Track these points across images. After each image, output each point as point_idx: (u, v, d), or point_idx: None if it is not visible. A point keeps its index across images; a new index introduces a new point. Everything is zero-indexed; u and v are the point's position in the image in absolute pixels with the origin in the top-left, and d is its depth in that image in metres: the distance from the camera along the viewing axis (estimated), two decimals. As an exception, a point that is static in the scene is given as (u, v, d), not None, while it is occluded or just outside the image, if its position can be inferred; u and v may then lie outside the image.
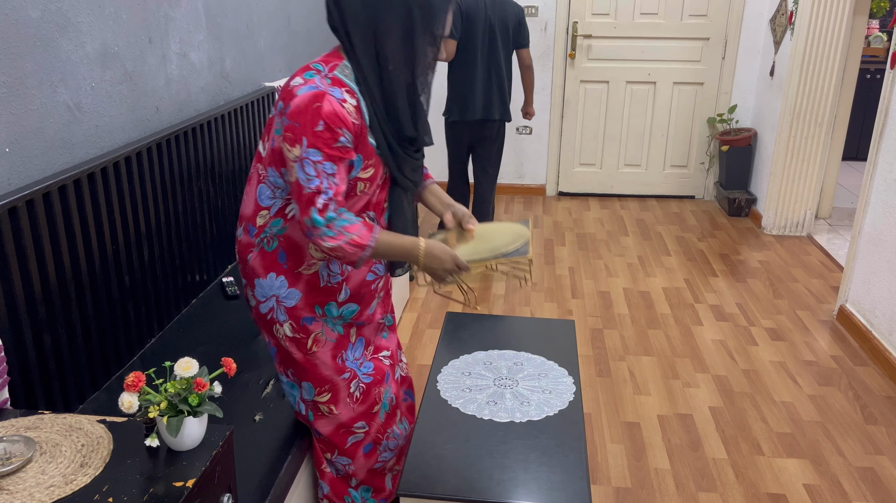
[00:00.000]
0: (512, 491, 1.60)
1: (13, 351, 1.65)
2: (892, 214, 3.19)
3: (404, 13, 1.54)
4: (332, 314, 1.79)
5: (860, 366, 3.14)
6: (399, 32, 1.55)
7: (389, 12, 1.54)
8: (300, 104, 1.51)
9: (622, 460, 2.52)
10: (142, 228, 2.19)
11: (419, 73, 1.62)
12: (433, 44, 1.60)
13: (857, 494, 2.37)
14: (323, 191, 1.53)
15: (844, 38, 4.30)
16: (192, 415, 1.28)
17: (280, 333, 1.78)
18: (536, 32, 5.19)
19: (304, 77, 1.56)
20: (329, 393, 1.83)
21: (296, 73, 1.60)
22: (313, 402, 1.84)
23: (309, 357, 1.79)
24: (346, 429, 1.87)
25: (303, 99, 1.51)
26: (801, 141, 4.52)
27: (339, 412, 1.85)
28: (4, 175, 1.71)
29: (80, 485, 1.21)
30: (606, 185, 5.50)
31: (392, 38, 1.55)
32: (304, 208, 1.55)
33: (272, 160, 1.65)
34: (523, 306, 3.69)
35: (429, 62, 1.63)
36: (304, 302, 1.75)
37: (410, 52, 1.58)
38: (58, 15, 1.87)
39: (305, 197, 1.54)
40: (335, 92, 1.54)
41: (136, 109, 2.28)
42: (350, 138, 1.56)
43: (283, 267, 1.72)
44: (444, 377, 2.04)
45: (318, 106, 1.51)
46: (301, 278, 1.74)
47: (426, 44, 1.59)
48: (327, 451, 1.91)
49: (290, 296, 1.74)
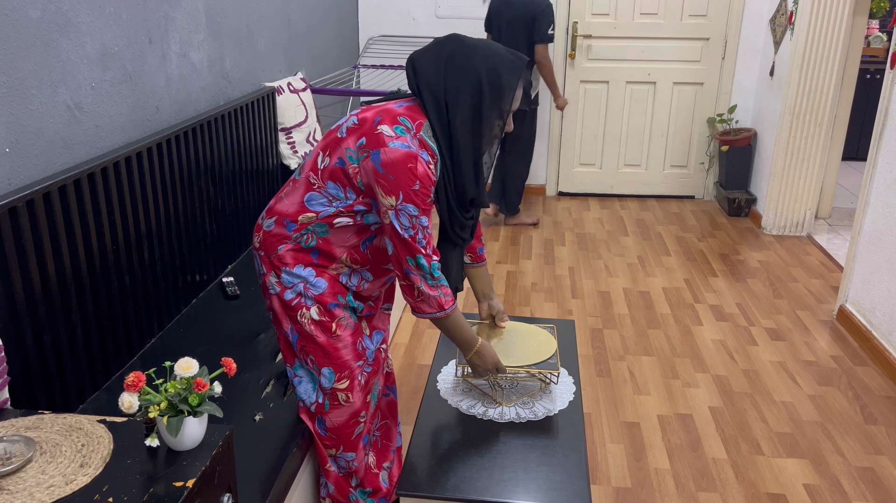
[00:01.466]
0: (512, 491, 1.60)
1: (13, 351, 1.65)
2: (892, 214, 3.19)
3: (475, 89, 1.66)
4: (352, 303, 1.87)
5: (860, 366, 3.14)
6: (469, 105, 1.67)
7: (461, 85, 1.66)
8: (395, 160, 1.62)
9: (622, 460, 2.52)
10: (142, 228, 2.19)
11: (485, 143, 1.73)
12: (500, 117, 1.72)
13: (856, 494, 2.37)
14: (418, 241, 1.68)
15: (844, 38, 4.30)
16: (192, 415, 1.28)
17: (305, 317, 1.81)
18: (536, 32, 5.19)
19: (395, 131, 1.65)
20: (347, 379, 1.85)
21: (380, 117, 1.67)
22: (332, 391, 1.85)
23: (332, 340, 1.82)
24: (355, 419, 1.89)
25: (398, 155, 1.62)
26: (801, 141, 4.52)
27: (354, 400, 1.87)
28: (4, 175, 1.72)
29: (80, 485, 1.21)
30: (606, 185, 5.50)
31: (462, 110, 1.67)
32: (405, 250, 1.69)
33: (334, 177, 1.73)
34: (523, 306, 3.69)
35: (495, 133, 1.74)
36: (329, 290, 1.82)
37: (478, 125, 1.69)
38: (58, 15, 1.87)
39: (403, 240, 1.68)
40: (423, 154, 1.66)
41: (136, 109, 2.28)
42: (433, 195, 1.70)
43: (314, 262, 1.80)
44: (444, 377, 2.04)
45: (413, 167, 1.62)
46: (327, 273, 1.82)
47: (494, 117, 1.70)
48: (332, 447, 1.91)
49: (318, 283, 1.81)
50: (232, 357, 1.41)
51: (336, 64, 4.66)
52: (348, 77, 4.87)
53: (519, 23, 4.17)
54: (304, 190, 1.77)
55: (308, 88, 3.60)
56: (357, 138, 1.68)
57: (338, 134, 1.73)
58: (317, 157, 1.76)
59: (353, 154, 1.69)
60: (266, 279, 1.84)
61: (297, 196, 1.78)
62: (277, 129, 3.35)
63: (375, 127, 1.66)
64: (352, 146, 1.69)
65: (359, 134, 1.68)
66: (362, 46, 5.29)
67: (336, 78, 4.60)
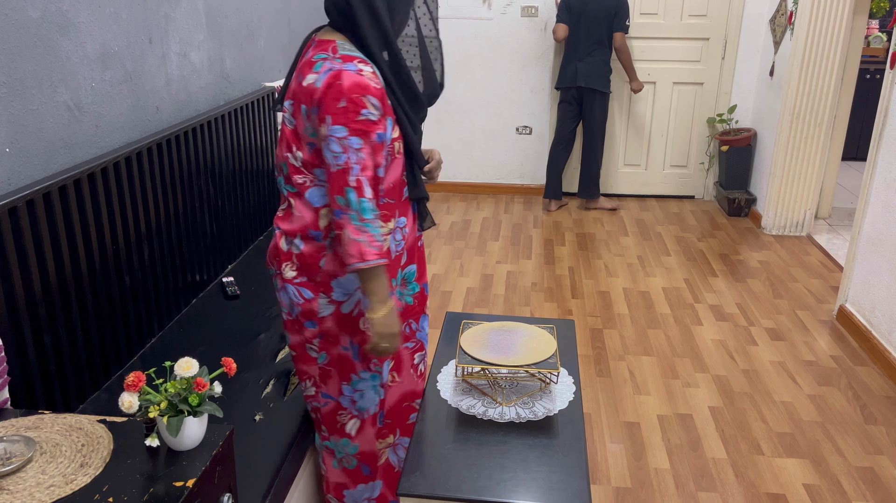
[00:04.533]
0: (512, 491, 1.60)
1: (13, 351, 1.65)
2: (891, 214, 3.19)
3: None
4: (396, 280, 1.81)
5: (860, 366, 3.14)
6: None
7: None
8: (322, 91, 1.53)
9: (622, 460, 2.52)
10: (142, 228, 2.19)
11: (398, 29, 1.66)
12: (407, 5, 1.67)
13: (856, 494, 2.37)
14: (350, 170, 1.53)
15: (844, 38, 4.30)
16: (192, 415, 1.28)
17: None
18: (536, 32, 5.20)
19: (313, 71, 1.56)
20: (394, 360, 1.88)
21: (302, 72, 1.60)
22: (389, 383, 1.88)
23: None
24: (407, 401, 1.93)
25: (321, 84, 1.53)
26: (801, 141, 4.52)
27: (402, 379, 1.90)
28: (4, 175, 1.72)
29: (80, 485, 1.21)
30: (606, 185, 5.50)
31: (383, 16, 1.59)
32: (334, 186, 1.54)
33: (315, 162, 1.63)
34: (523, 306, 3.69)
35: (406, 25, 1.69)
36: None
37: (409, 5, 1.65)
38: (58, 15, 1.87)
39: (333, 175, 1.54)
40: (350, 66, 1.54)
41: (137, 109, 2.28)
42: (377, 103, 1.56)
43: None
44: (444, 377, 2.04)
45: (334, 84, 1.51)
46: None
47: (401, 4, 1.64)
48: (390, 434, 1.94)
49: None
50: (232, 357, 1.41)
51: (336, 64, 4.66)
52: (348, 77, 4.87)
53: (602, 13, 4.71)
54: (301, 193, 1.67)
55: (308, 88, 3.60)
56: (304, 112, 1.58)
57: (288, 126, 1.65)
58: (289, 162, 1.66)
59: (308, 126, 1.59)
60: (312, 305, 1.71)
61: (300, 204, 1.68)
62: (278, 129, 3.35)
63: (301, 85, 1.58)
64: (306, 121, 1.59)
65: (303, 105, 1.58)
66: (362, 46, 5.29)
67: (336, 78, 4.60)
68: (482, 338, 2.02)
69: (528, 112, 5.39)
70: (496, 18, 5.20)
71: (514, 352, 1.95)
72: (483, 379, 1.99)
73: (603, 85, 4.84)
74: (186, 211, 2.48)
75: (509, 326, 2.10)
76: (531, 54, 5.25)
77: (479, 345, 1.98)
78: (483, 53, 5.27)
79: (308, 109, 1.57)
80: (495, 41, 5.24)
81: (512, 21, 5.19)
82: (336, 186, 1.54)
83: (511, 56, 5.26)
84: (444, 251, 4.40)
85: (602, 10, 4.71)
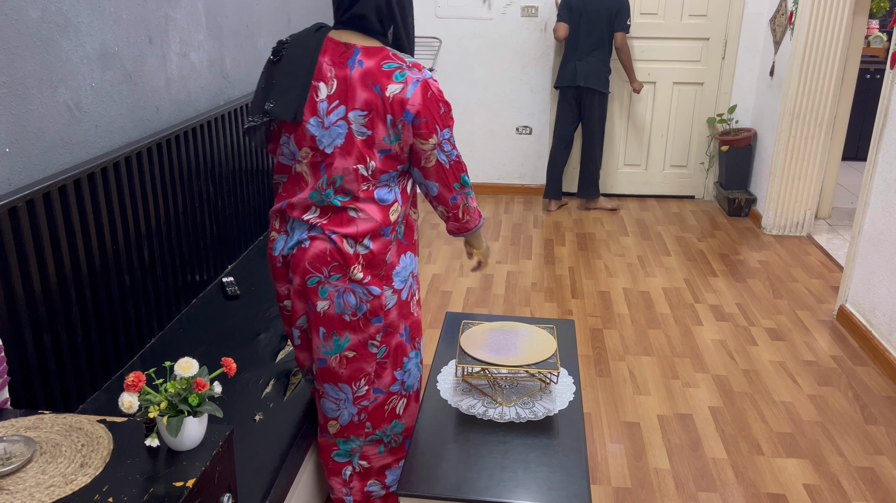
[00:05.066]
0: (512, 491, 1.60)
1: (13, 351, 1.65)
2: (892, 214, 3.19)
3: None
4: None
5: (860, 366, 3.14)
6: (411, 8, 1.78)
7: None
8: (422, 102, 1.67)
9: (622, 460, 2.52)
10: (142, 228, 2.19)
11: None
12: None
13: (856, 494, 2.37)
14: (460, 159, 1.81)
15: (844, 38, 4.30)
16: (192, 415, 1.28)
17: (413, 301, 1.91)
18: (536, 32, 5.20)
19: (394, 81, 1.66)
20: None
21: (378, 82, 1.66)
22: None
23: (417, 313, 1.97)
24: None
25: (420, 97, 1.67)
26: (801, 141, 4.52)
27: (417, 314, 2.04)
28: (4, 175, 1.72)
29: (80, 485, 1.21)
30: (606, 185, 5.50)
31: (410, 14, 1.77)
32: (452, 175, 1.80)
33: (385, 168, 1.73)
34: (523, 306, 3.69)
35: None
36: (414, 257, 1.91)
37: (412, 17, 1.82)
38: (58, 15, 1.87)
39: (450, 168, 1.79)
40: (426, 74, 1.72)
41: (136, 109, 2.28)
42: None
43: (404, 243, 1.86)
44: (444, 377, 2.04)
45: (432, 93, 1.70)
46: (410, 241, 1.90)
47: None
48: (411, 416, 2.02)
49: (413, 262, 1.89)
50: (232, 357, 1.41)
51: (336, 64, 4.66)
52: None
53: (603, 13, 4.71)
54: (369, 201, 1.73)
55: (308, 88, 3.60)
56: (383, 122, 1.67)
57: (359, 137, 1.69)
58: (358, 173, 1.71)
59: (392, 135, 1.69)
60: (381, 300, 1.79)
61: (368, 206, 1.73)
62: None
63: (389, 96, 1.66)
64: (386, 132, 1.68)
65: (389, 115, 1.67)
66: (362, 46, 5.29)
67: (336, 78, 4.60)
68: (482, 338, 2.02)
69: (528, 112, 5.39)
70: (496, 18, 5.20)
71: (514, 352, 1.95)
72: (483, 379, 1.99)
73: (601, 85, 4.84)
74: (186, 211, 2.48)
75: (509, 326, 2.10)
76: (531, 54, 5.25)
77: (479, 345, 1.99)
78: (483, 53, 5.27)
79: (396, 119, 1.67)
80: (495, 41, 5.24)
81: (512, 21, 5.19)
82: (454, 176, 1.80)
83: (511, 56, 5.26)
84: (444, 251, 4.40)
85: (602, 9, 4.71)
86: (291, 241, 1.80)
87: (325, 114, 1.68)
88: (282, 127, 1.75)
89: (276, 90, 1.71)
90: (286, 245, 1.81)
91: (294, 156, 1.76)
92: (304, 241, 1.77)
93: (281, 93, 1.70)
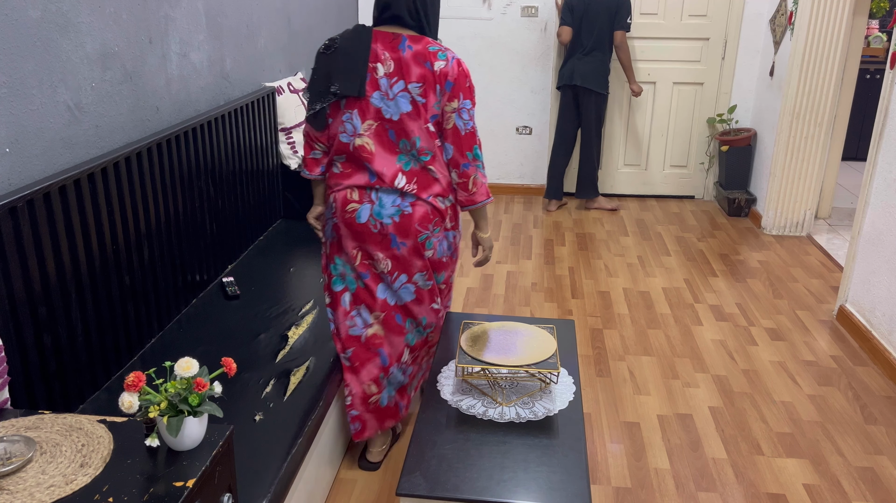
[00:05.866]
0: (512, 491, 1.60)
1: (13, 351, 1.65)
2: (892, 214, 3.19)
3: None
4: None
5: (860, 366, 3.14)
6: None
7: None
8: (456, 74, 2.07)
9: (622, 460, 2.52)
10: (142, 228, 2.19)
11: None
12: None
13: (856, 494, 2.37)
14: (475, 132, 2.13)
15: (844, 38, 4.30)
16: (192, 415, 1.28)
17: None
18: (536, 32, 5.20)
19: (439, 59, 2.06)
20: None
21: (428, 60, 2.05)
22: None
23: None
24: None
25: (455, 70, 2.07)
26: (801, 141, 4.52)
27: None
28: (4, 175, 1.72)
29: (80, 485, 1.21)
30: (606, 185, 5.50)
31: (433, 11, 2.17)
32: (466, 144, 2.11)
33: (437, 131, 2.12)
34: (523, 306, 3.69)
35: None
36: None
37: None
38: (58, 15, 1.87)
39: (465, 136, 2.11)
40: (458, 56, 2.15)
41: (137, 109, 2.28)
42: None
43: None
44: (444, 377, 2.04)
45: (463, 69, 2.09)
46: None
47: None
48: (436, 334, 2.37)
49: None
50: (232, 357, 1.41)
51: (336, 64, 4.66)
52: (348, 77, 4.87)
53: (604, 11, 4.70)
54: (439, 160, 2.13)
55: (308, 88, 3.60)
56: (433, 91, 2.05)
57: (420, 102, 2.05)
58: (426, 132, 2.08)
59: (438, 101, 2.07)
60: (457, 239, 2.29)
61: (440, 167, 2.14)
62: (277, 129, 3.35)
63: (436, 69, 2.05)
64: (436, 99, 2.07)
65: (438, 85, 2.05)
66: (362, 46, 5.28)
67: (336, 78, 4.60)
68: (482, 338, 2.02)
69: (528, 112, 5.39)
70: (496, 18, 5.20)
71: (514, 352, 1.95)
72: (483, 379, 1.99)
73: (598, 85, 4.82)
74: (186, 211, 2.48)
75: (509, 326, 2.10)
76: (531, 54, 5.25)
77: (479, 345, 1.99)
78: (483, 53, 5.27)
79: (442, 88, 2.07)
80: (495, 41, 5.24)
81: (512, 21, 5.19)
82: (467, 145, 2.11)
83: (511, 56, 5.26)
84: (444, 251, 4.40)
85: (603, 8, 4.71)
86: (385, 210, 2.11)
87: (388, 87, 2.06)
88: (345, 106, 2.09)
89: (338, 75, 2.07)
90: (375, 212, 2.11)
91: (356, 130, 2.08)
92: (405, 207, 2.12)
93: (344, 76, 2.06)
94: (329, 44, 2.10)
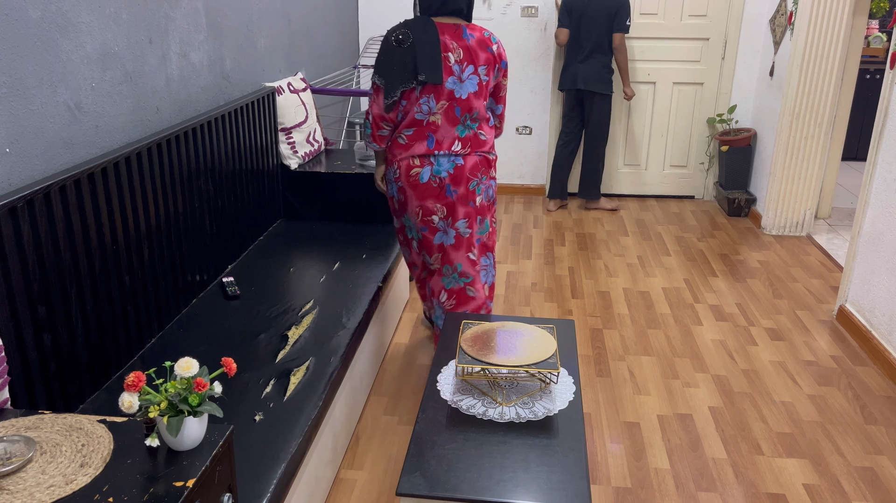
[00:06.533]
0: (512, 491, 1.60)
1: (13, 351, 1.65)
2: (891, 214, 3.19)
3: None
4: None
5: (860, 366, 3.14)
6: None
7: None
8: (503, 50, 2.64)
9: (622, 460, 2.52)
10: (142, 228, 2.19)
11: None
12: None
13: (856, 494, 2.37)
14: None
15: (844, 39, 4.30)
16: (192, 415, 1.28)
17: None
18: (536, 32, 5.20)
19: (493, 42, 2.58)
20: None
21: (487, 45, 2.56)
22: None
23: None
24: None
25: (502, 50, 2.64)
26: (801, 141, 4.52)
27: None
28: (4, 175, 1.72)
29: (80, 485, 1.21)
30: (606, 185, 5.50)
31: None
32: (505, 101, 2.77)
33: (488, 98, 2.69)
34: (523, 306, 3.69)
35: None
36: None
37: None
38: (58, 15, 1.87)
39: (504, 96, 2.76)
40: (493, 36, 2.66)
41: (137, 109, 2.28)
42: None
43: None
44: (444, 377, 2.04)
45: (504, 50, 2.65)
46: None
47: None
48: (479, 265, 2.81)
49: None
50: (232, 357, 1.41)
51: (336, 64, 4.67)
52: (348, 77, 4.87)
53: (603, 13, 4.73)
54: (487, 122, 2.65)
55: (308, 88, 3.60)
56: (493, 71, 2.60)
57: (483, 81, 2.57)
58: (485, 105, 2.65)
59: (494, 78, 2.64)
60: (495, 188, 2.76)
61: (488, 128, 2.67)
62: (277, 129, 3.35)
63: (494, 52, 2.58)
64: (495, 76, 2.63)
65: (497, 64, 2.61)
66: (362, 46, 5.29)
67: (336, 78, 4.60)
68: (482, 338, 2.02)
69: (528, 112, 5.39)
70: (496, 18, 5.20)
71: (514, 352, 1.95)
72: (483, 379, 1.99)
73: (603, 87, 4.83)
74: (186, 211, 2.48)
75: (509, 326, 2.10)
76: (531, 55, 5.25)
77: (479, 345, 1.99)
78: (483, 53, 5.27)
79: (499, 66, 2.62)
80: (495, 41, 5.24)
81: (512, 21, 5.19)
82: (504, 102, 2.77)
83: (511, 56, 5.26)
84: (444, 251, 4.40)
85: (602, 9, 4.71)
86: (443, 167, 2.58)
87: (461, 72, 2.52)
88: (422, 91, 2.51)
89: (423, 65, 2.46)
90: (434, 171, 2.58)
91: (431, 110, 2.53)
92: (458, 160, 2.59)
93: (427, 66, 2.46)
94: (402, 38, 2.47)
